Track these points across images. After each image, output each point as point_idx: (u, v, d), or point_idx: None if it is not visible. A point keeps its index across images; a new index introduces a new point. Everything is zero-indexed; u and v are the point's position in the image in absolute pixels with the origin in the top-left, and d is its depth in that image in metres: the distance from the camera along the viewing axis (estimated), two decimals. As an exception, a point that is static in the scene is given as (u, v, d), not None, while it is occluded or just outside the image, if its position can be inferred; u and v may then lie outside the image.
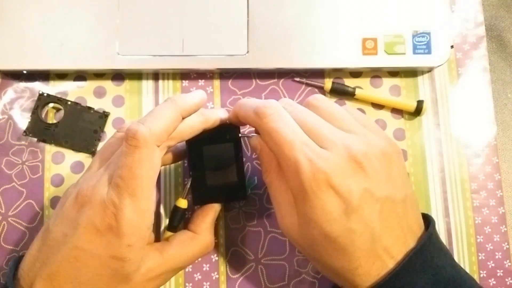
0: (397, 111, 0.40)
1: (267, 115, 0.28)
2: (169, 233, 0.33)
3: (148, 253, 0.29)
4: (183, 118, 0.30)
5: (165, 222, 0.37)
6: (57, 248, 0.27)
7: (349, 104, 0.39)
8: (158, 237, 0.36)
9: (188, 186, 0.33)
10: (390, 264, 0.27)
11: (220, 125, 0.32)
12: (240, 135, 0.33)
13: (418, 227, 0.29)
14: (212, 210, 0.33)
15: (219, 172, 0.32)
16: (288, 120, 0.28)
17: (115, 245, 0.26)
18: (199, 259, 0.37)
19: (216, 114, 0.32)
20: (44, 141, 0.38)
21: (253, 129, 0.31)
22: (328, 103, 0.30)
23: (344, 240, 0.26)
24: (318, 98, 0.30)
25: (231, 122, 0.32)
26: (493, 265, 0.37)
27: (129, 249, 0.27)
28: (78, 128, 0.38)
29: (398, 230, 0.27)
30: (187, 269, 0.37)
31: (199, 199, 0.33)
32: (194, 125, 0.30)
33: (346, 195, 0.26)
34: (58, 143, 0.38)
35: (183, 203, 0.33)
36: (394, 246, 0.27)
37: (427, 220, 0.30)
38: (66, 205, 0.28)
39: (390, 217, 0.27)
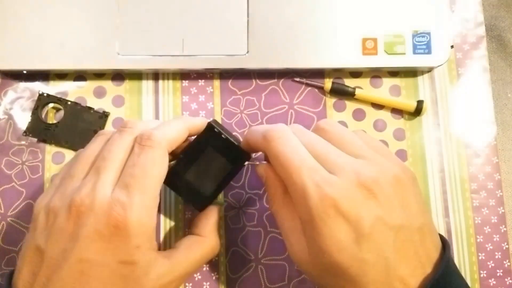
0: (397, 111, 0.40)
1: (275, 138, 0.27)
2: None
3: (157, 259, 0.28)
4: (189, 135, 0.31)
5: (165, 227, 0.37)
6: (58, 266, 0.26)
7: (349, 104, 0.40)
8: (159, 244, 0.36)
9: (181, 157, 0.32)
10: None
11: (237, 145, 0.32)
12: (246, 162, 0.32)
13: (436, 252, 0.27)
14: (215, 212, 0.33)
15: (202, 176, 0.32)
16: (296, 144, 0.27)
17: (123, 248, 0.26)
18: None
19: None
20: (44, 141, 0.38)
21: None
22: (337, 127, 0.29)
23: (356, 271, 0.25)
24: (328, 122, 0.30)
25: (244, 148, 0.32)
26: (493, 265, 0.37)
27: (138, 251, 0.26)
28: (78, 128, 0.38)
29: (415, 260, 0.26)
30: (187, 269, 0.37)
31: (167, 178, 0.31)
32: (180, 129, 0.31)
33: (356, 222, 0.25)
34: (58, 143, 0.38)
35: None
36: (412, 277, 0.25)
37: (442, 242, 0.28)
38: (58, 220, 0.26)
39: (406, 246, 0.26)
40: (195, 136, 0.32)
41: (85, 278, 0.25)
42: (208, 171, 0.32)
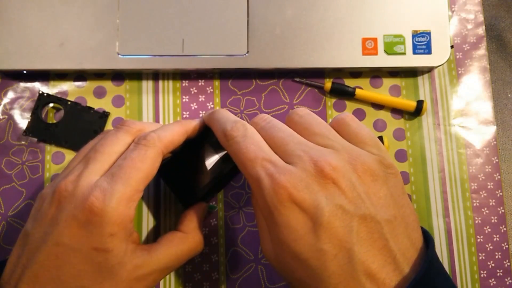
0: (397, 111, 0.40)
1: (233, 137, 0.27)
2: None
3: (134, 251, 0.28)
4: (187, 137, 0.31)
5: (164, 228, 0.37)
6: (37, 249, 0.26)
7: (349, 104, 0.40)
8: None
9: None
10: None
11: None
12: None
13: (415, 251, 0.25)
14: (200, 210, 0.33)
15: (194, 173, 0.32)
16: (254, 139, 0.27)
17: (97, 235, 0.26)
18: (200, 259, 0.37)
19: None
20: (44, 141, 0.38)
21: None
22: (307, 117, 0.28)
23: (316, 263, 0.23)
24: (298, 112, 0.29)
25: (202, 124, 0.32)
26: (493, 265, 0.37)
27: (111, 239, 0.26)
28: (78, 128, 0.38)
29: (384, 253, 0.24)
30: (187, 269, 0.37)
31: (161, 169, 0.31)
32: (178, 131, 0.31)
33: (312, 210, 0.24)
34: (58, 143, 0.38)
35: None
36: (381, 272, 0.23)
37: (425, 238, 0.26)
38: (44, 206, 0.27)
39: (372, 238, 0.24)
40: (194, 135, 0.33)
41: (59, 262, 0.26)
42: (201, 169, 0.32)
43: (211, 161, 0.32)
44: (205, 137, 0.32)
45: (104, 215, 0.26)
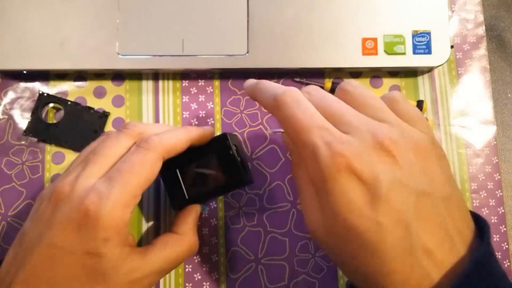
0: (397, 111, 0.40)
1: (285, 102, 0.26)
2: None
3: (129, 254, 0.28)
4: (192, 144, 0.31)
5: (164, 228, 0.37)
6: (31, 250, 0.26)
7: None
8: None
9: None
10: (433, 273, 0.22)
11: (240, 168, 0.31)
12: (274, 130, 0.32)
13: (469, 231, 0.24)
14: (193, 211, 0.33)
15: (192, 177, 0.32)
16: (307, 106, 0.26)
17: (90, 239, 0.26)
18: (200, 259, 0.37)
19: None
20: (44, 141, 0.38)
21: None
22: (360, 89, 0.27)
23: (373, 236, 0.22)
24: (351, 84, 0.28)
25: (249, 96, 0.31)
26: (493, 265, 0.37)
27: (105, 244, 0.26)
28: (78, 128, 0.38)
29: (441, 231, 0.23)
30: (187, 269, 0.37)
31: (164, 166, 0.30)
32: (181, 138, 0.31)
33: (371, 182, 0.23)
34: (58, 143, 0.38)
35: None
36: (439, 251, 0.23)
37: (479, 222, 0.25)
38: (41, 206, 0.27)
39: (429, 214, 0.23)
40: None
41: (52, 264, 0.26)
42: (200, 175, 0.32)
43: (214, 174, 0.32)
44: (215, 148, 0.32)
45: (98, 219, 0.25)
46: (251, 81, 0.30)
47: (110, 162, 0.28)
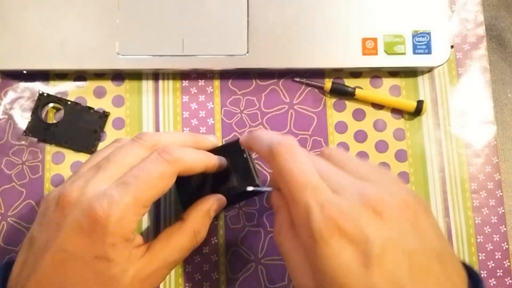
0: (397, 111, 0.40)
1: (280, 153, 0.26)
2: None
3: (137, 255, 0.28)
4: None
5: (165, 228, 0.37)
6: (41, 255, 0.26)
7: (349, 104, 0.40)
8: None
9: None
10: None
11: (253, 172, 0.31)
12: (255, 188, 0.32)
13: (463, 284, 0.24)
14: (208, 201, 0.32)
15: (203, 179, 0.32)
16: (303, 161, 0.26)
17: (99, 244, 0.26)
18: (200, 259, 0.37)
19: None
20: (44, 141, 0.38)
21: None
22: (342, 153, 0.28)
23: None
24: (333, 148, 0.29)
25: (242, 146, 0.31)
26: (493, 265, 0.37)
27: (113, 249, 0.26)
28: (78, 128, 0.38)
29: None
30: (186, 269, 0.37)
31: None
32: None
33: (363, 244, 0.22)
34: (58, 143, 0.38)
35: None
36: None
37: (471, 275, 0.25)
38: (49, 210, 0.27)
39: (424, 273, 0.23)
40: (220, 145, 0.33)
41: (62, 269, 0.26)
42: (212, 178, 0.32)
43: (226, 177, 0.32)
44: (229, 153, 0.32)
45: (107, 224, 0.25)
46: (245, 133, 0.31)
47: (123, 171, 0.28)
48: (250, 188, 0.32)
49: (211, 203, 0.32)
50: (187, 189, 0.32)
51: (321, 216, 0.23)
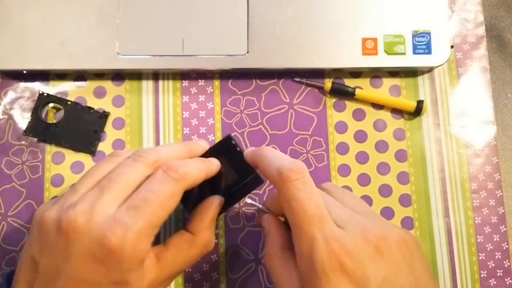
0: (397, 111, 0.40)
1: (291, 180, 0.26)
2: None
3: (147, 268, 0.27)
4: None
5: (164, 228, 0.37)
6: (52, 282, 0.25)
7: (349, 104, 0.40)
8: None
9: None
10: None
11: (249, 165, 0.31)
12: (252, 203, 0.32)
13: None
14: (211, 208, 0.31)
15: (204, 182, 0.32)
16: (314, 192, 0.26)
17: (115, 270, 0.25)
18: (200, 259, 0.37)
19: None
20: (44, 141, 0.38)
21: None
22: (339, 187, 0.29)
23: None
24: (330, 184, 0.30)
25: (247, 161, 0.31)
26: (493, 265, 0.37)
27: (130, 273, 0.25)
28: (78, 128, 0.38)
29: None
30: (187, 269, 0.37)
31: None
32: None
33: (362, 283, 0.23)
34: (58, 143, 0.38)
35: None
36: None
37: None
38: (51, 234, 0.26)
39: None
40: (213, 145, 0.32)
41: None
42: (212, 177, 0.32)
43: (226, 174, 0.32)
44: (223, 150, 0.32)
45: (124, 253, 0.24)
46: (251, 148, 0.30)
47: (127, 192, 0.27)
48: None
49: (214, 210, 0.31)
50: (189, 192, 0.32)
51: (326, 250, 0.24)
